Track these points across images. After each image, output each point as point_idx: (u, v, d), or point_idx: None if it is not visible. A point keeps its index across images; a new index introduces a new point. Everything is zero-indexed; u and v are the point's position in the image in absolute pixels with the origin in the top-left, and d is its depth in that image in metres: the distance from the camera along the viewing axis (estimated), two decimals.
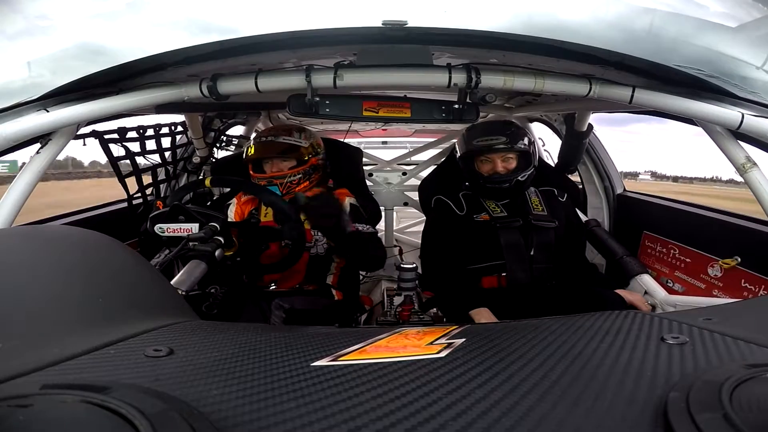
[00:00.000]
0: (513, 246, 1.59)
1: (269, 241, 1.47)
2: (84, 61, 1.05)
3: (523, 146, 1.61)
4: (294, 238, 1.37)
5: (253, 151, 1.66)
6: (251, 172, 1.67)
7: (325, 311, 1.56)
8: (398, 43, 1.10)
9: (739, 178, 1.16)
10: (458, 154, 1.73)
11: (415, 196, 2.34)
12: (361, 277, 2.06)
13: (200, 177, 2.21)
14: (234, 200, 1.71)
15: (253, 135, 2.46)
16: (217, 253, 1.16)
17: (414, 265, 1.96)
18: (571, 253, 1.68)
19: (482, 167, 1.64)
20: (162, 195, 1.96)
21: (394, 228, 2.93)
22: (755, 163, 1.13)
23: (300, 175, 1.64)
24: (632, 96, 1.17)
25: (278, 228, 1.41)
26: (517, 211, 1.65)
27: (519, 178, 1.62)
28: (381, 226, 2.51)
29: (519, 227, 1.62)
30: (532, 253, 1.60)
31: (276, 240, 1.48)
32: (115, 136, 1.60)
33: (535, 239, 1.61)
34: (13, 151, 1.04)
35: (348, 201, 1.69)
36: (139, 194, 1.80)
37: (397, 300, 1.99)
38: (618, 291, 1.53)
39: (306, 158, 1.66)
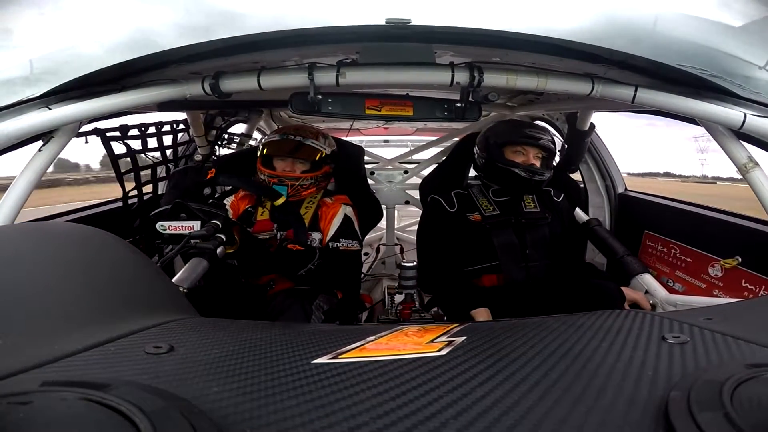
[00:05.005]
0: (507, 246, 1.59)
1: (263, 259, 1.45)
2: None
3: (555, 147, 1.65)
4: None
5: (270, 148, 1.64)
6: (260, 167, 1.63)
7: (338, 307, 1.62)
8: (401, 42, 1.09)
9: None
10: (489, 142, 1.67)
11: (416, 194, 2.34)
12: (361, 275, 2.06)
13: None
14: (232, 195, 1.71)
15: (256, 133, 2.46)
16: (218, 250, 1.16)
17: (415, 264, 1.96)
18: (568, 253, 1.68)
19: (515, 158, 1.62)
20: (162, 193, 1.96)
21: (396, 226, 2.93)
22: (757, 163, 1.13)
23: (311, 181, 1.62)
24: (635, 95, 1.17)
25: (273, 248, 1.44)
26: (510, 210, 1.65)
27: (547, 175, 1.63)
28: (382, 224, 2.52)
29: (512, 226, 1.62)
30: (527, 251, 1.60)
31: (269, 261, 1.47)
32: (117, 133, 1.60)
33: (529, 237, 1.61)
34: (15, 149, 1.04)
35: (343, 211, 1.67)
36: (135, 192, 1.80)
37: (398, 298, 1.99)
38: (621, 288, 1.53)
39: (322, 165, 1.65)
